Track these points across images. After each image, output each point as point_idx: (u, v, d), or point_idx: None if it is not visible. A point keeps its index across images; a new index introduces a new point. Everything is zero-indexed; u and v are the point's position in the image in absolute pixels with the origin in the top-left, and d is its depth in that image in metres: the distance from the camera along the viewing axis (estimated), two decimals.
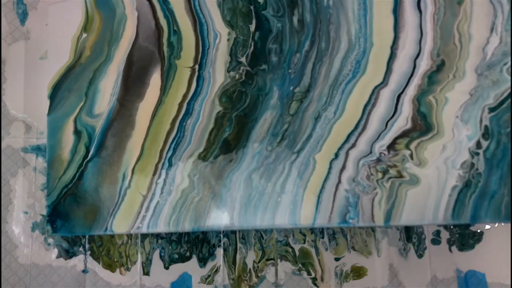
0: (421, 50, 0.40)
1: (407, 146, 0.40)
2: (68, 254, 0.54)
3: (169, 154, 0.47)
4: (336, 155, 0.42)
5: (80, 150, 0.49)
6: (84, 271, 0.54)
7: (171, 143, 0.47)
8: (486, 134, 0.38)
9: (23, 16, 0.56)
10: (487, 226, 0.52)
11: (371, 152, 0.41)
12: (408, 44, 0.41)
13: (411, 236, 0.52)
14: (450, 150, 0.39)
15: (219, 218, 0.45)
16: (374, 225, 0.42)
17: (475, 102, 0.39)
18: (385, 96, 0.41)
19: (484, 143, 0.38)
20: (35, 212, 0.54)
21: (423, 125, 0.40)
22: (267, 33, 0.45)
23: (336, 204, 0.41)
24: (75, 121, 0.49)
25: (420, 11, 0.41)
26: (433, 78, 0.40)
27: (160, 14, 0.49)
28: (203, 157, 0.46)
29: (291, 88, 0.44)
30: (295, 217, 0.42)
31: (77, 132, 0.49)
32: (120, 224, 0.47)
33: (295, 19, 0.44)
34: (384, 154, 0.41)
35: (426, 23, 0.41)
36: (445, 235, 0.52)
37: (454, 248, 0.52)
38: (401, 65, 0.41)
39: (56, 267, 0.54)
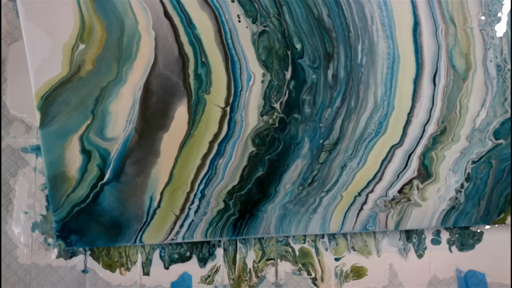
0: (431, 117, 0.53)
1: (410, 189, 0.55)
2: (68, 254, 0.57)
3: (201, 187, 0.54)
4: (359, 194, 0.55)
5: (92, 170, 0.53)
6: (84, 271, 0.57)
7: (203, 178, 0.54)
8: (467, 178, 0.55)
9: None
10: (487, 226, 0.57)
11: (386, 196, 0.55)
12: (421, 112, 0.53)
13: (411, 236, 0.57)
14: (442, 191, 0.55)
15: (256, 229, 0.56)
16: (386, 230, 0.57)
17: (463, 157, 0.54)
18: (399, 155, 0.54)
19: (466, 184, 0.55)
20: (35, 212, 0.57)
21: (425, 174, 0.55)
22: (302, 83, 0.52)
23: (359, 219, 0.55)
24: (81, 139, 0.52)
25: (435, 84, 0.53)
26: (436, 139, 0.54)
27: (184, 39, 0.50)
28: (237, 189, 0.54)
29: (321, 141, 0.53)
30: (325, 227, 0.55)
31: (85, 151, 0.53)
32: (151, 237, 0.55)
33: (329, 73, 0.52)
34: (397, 195, 0.55)
35: (438, 94, 0.53)
36: (445, 235, 0.57)
37: (454, 248, 0.57)
38: (414, 130, 0.54)
39: (56, 267, 0.57)
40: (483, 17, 0.52)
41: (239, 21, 0.50)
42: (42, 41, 0.50)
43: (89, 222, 0.54)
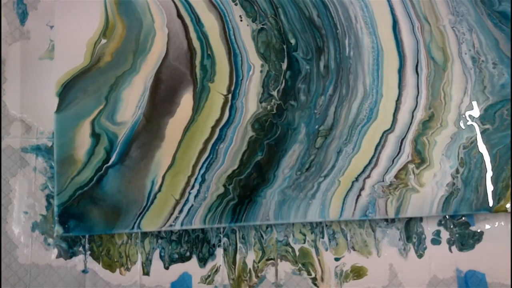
0: (418, 104, 0.64)
1: (407, 174, 0.63)
2: (68, 254, 0.64)
3: (202, 171, 0.63)
4: (357, 179, 0.63)
5: (99, 153, 0.63)
6: (84, 271, 0.64)
7: (204, 162, 0.63)
8: (461, 163, 0.63)
9: (23, 16, 0.68)
10: (487, 226, 0.63)
11: (383, 181, 0.63)
12: (408, 100, 0.65)
13: (411, 236, 0.63)
14: (439, 176, 0.63)
15: (255, 215, 0.63)
16: (387, 217, 0.64)
17: (454, 142, 0.64)
18: (392, 140, 0.64)
19: (461, 169, 0.63)
20: (35, 212, 0.64)
21: (419, 159, 0.64)
22: (297, 73, 0.65)
23: (358, 205, 0.63)
24: (92, 123, 0.63)
25: (418, 74, 0.65)
26: (426, 124, 0.64)
27: (193, 35, 0.65)
28: (237, 173, 0.63)
29: (316, 126, 0.64)
30: (324, 214, 0.63)
31: (95, 135, 0.62)
32: (149, 223, 0.62)
33: (321, 64, 0.65)
34: (394, 180, 0.63)
35: (422, 83, 0.64)
36: (445, 235, 0.64)
37: (454, 248, 0.63)
38: (403, 116, 0.64)
39: (56, 267, 0.63)
40: (452, 17, 0.67)
41: (241, 21, 0.66)
42: (70, 36, 0.65)
43: (90, 206, 0.61)
